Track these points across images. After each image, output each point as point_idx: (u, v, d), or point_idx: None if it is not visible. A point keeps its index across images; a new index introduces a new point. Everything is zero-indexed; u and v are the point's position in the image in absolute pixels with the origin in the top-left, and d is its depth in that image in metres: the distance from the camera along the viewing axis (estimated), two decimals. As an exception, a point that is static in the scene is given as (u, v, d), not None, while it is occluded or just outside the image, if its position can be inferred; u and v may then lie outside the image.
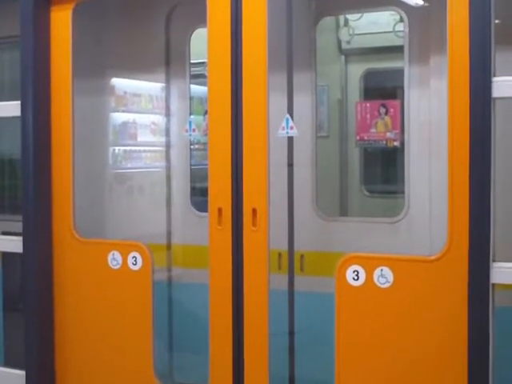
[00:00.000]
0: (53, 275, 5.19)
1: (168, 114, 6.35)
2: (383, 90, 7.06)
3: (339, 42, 7.03)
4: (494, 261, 3.74)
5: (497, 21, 3.73)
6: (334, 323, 4.21)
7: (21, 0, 5.02)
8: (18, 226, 5.13)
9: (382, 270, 4.06)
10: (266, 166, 4.42)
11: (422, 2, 5.44)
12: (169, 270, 6.16)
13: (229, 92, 4.51)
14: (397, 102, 5.47)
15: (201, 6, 4.61)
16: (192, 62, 6.15)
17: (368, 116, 5.54)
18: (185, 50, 6.11)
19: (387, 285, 4.05)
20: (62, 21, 5.08)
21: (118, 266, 4.91)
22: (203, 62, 4.81)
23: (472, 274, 3.75)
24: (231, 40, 4.50)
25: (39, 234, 5.10)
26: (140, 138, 6.47)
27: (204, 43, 4.64)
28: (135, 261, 4.84)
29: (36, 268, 5.11)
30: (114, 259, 4.92)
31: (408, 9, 5.41)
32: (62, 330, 5.20)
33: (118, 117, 6.38)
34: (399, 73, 5.37)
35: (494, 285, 3.75)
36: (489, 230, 3.69)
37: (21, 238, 5.12)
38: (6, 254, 5.53)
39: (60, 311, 5.19)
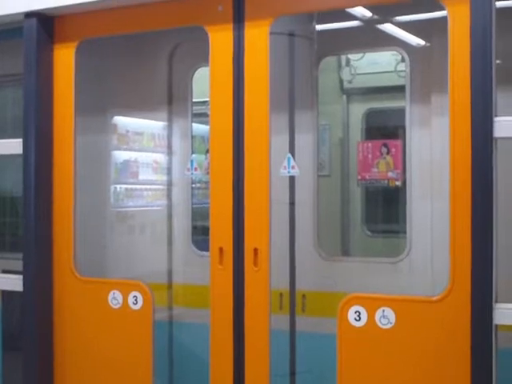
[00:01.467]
0: (53, 314, 5.14)
1: (170, 153, 6.37)
2: (385, 129, 7.08)
3: (341, 82, 7.07)
4: (496, 302, 3.71)
5: (498, 61, 3.74)
6: (335, 364, 4.17)
7: (25, 38, 5.05)
8: (19, 265, 5.11)
9: (383, 310, 4.03)
10: (267, 205, 4.41)
11: (423, 42, 5.47)
12: (170, 309, 6.12)
13: (230, 131, 4.51)
14: (398, 142, 5.48)
15: (203, 45, 4.64)
16: (194, 100, 6.17)
17: (370, 155, 5.55)
18: (187, 89, 6.14)
19: (389, 326, 4.02)
20: (65, 59, 5.10)
21: (118, 306, 4.88)
22: (205, 101, 4.82)
23: (475, 314, 3.72)
24: (233, 79, 4.52)
25: (39, 272, 5.06)
26: (142, 176, 6.48)
27: (206, 82, 4.66)
28: (136, 300, 4.81)
29: (36, 306, 5.07)
30: (115, 298, 4.89)
31: (409, 49, 5.46)
32: (61, 370, 5.15)
33: (120, 155, 6.39)
34: (401, 112, 5.40)
35: (497, 326, 3.71)
36: (491, 271, 3.66)
37: (21, 277, 5.10)
38: (5, 293, 5.50)
39: (59, 350, 5.14)
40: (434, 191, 5.09)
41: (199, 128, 6.35)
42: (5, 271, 5.44)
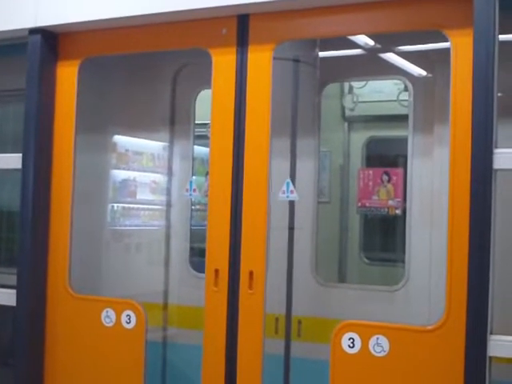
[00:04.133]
0: (45, 329, 5.12)
1: (170, 174, 6.36)
2: (386, 157, 7.08)
3: (343, 109, 7.08)
4: (491, 333, 3.68)
5: (499, 94, 3.74)
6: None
7: (28, 54, 5.07)
8: (13, 279, 5.09)
9: (377, 338, 4.00)
10: (264, 229, 4.41)
11: (425, 73, 5.49)
12: (164, 329, 6.09)
13: (230, 154, 4.52)
14: (399, 170, 5.47)
15: (207, 68, 4.65)
16: (197, 122, 6.18)
17: (370, 183, 5.54)
18: (190, 111, 6.15)
19: (383, 354, 3.99)
20: (68, 76, 5.12)
21: (111, 324, 4.86)
22: (207, 123, 4.82)
23: (469, 346, 3.69)
24: (235, 102, 4.53)
25: (33, 287, 5.05)
26: (140, 196, 6.47)
27: (209, 104, 4.67)
28: (129, 319, 4.79)
29: (28, 322, 5.05)
30: (108, 317, 4.86)
31: (412, 78, 5.47)
32: (52, 388, 5.13)
33: (119, 174, 6.39)
34: (402, 141, 5.40)
35: (491, 358, 3.69)
36: (487, 302, 3.64)
37: (14, 291, 5.07)
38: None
39: (51, 367, 5.11)
40: (433, 221, 5.08)
41: (200, 150, 6.35)
42: (-2, 285, 5.42)
